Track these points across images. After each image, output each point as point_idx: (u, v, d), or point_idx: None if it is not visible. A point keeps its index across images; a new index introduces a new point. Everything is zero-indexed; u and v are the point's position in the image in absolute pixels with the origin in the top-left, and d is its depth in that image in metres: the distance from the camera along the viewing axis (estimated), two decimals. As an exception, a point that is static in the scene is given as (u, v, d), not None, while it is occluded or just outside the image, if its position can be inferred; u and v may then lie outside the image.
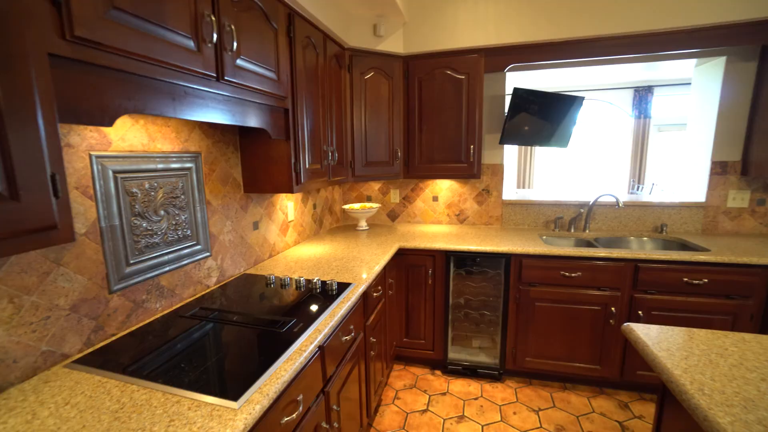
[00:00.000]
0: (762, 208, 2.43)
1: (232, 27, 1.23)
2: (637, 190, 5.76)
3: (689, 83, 5.46)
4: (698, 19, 2.07)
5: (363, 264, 1.96)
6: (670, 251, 2.08)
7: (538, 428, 2.04)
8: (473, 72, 2.42)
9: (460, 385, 2.41)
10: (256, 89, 1.42)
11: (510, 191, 3.21)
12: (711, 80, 2.48)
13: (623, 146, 6.07)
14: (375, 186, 3.09)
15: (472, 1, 2.37)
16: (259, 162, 1.83)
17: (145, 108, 0.97)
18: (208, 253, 1.63)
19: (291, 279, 1.70)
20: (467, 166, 2.51)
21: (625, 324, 1.21)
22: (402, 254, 2.42)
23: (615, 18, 2.17)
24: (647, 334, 1.13)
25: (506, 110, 2.61)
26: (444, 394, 2.34)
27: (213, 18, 1.13)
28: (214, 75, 1.18)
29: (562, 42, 2.30)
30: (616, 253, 2.08)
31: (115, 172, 1.19)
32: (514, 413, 2.15)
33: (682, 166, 2.72)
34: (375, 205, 2.85)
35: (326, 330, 1.24)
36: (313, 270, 1.87)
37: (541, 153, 6.40)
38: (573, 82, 5.61)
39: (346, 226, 3.04)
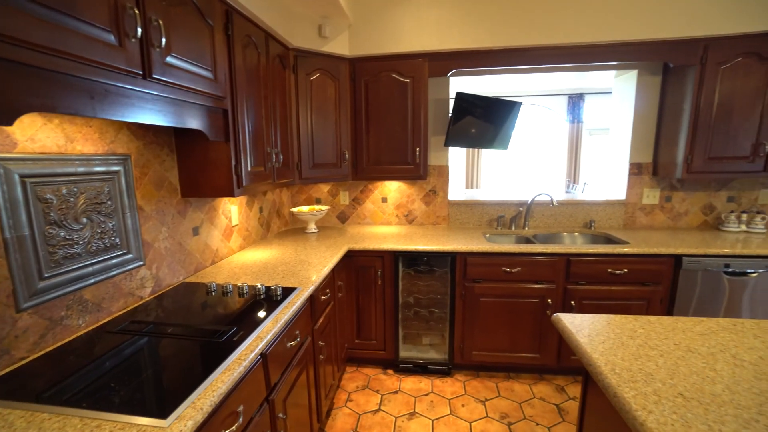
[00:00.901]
0: (669, 204, 2.75)
1: (160, 22, 1.16)
2: (573, 189, 6.24)
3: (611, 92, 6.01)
4: (617, 35, 2.29)
5: (311, 267, 1.94)
6: (597, 245, 2.28)
7: (484, 418, 2.13)
8: (418, 76, 2.49)
9: (412, 383, 2.46)
10: (191, 88, 1.35)
11: (459, 191, 3.33)
12: (627, 90, 2.76)
13: (560, 148, 6.55)
14: (324, 188, 3.06)
15: (415, 7, 2.43)
16: (197, 165, 1.74)
17: (57, 106, 0.89)
18: (141, 262, 1.52)
19: (234, 286, 1.63)
20: (414, 167, 2.57)
21: (554, 315, 1.30)
22: (351, 256, 2.43)
23: (547, 30, 2.34)
24: (572, 323, 1.23)
25: (450, 113, 2.71)
26: (396, 392, 2.37)
27: (136, 11, 1.06)
28: (140, 72, 1.11)
29: (500, 50, 2.43)
30: (551, 248, 2.24)
31: (22, 176, 1.08)
32: (463, 405, 2.24)
33: (607, 167, 2.99)
34: (324, 208, 2.83)
35: (269, 337, 1.21)
36: (258, 276, 1.82)
37: (487, 154, 6.72)
38: (515, 87, 5.95)
39: (295, 229, 2.98)
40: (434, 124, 2.86)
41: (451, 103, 2.70)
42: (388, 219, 3.03)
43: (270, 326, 1.27)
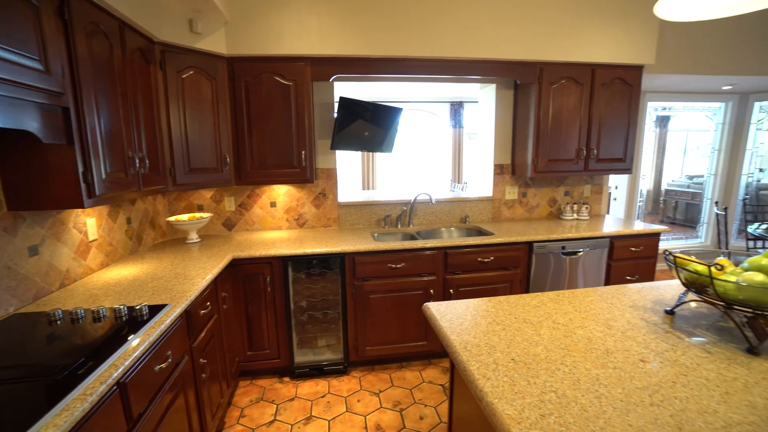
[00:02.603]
0: (525, 199, 3.27)
1: (-45, 1, 0.95)
2: (456, 188, 6.90)
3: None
4: (481, 54, 2.62)
5: (187, 281, 1.79)
6: (469, 237, 2.58)
7: (378, 409, 2.24)
8: (300, 79, 2.48)
9: (308, 387, 2.45)
10: (9, 81, 1.13)
11: (355, 193, 3.42)
12: (489, 101, 3.18)
13: (446, 151, 7.19)
14: (206, 194, 2.84)
15: (295, 11, 2.42)
16: (30, 172, 1.47)
17: None
18: (-55, 295, 1.22)
19: (87, 311, 1.42)
20: (300, 171, 2.56)
21: (424, 305, 1.45)
22: (237, 264, 2.31)
23: (423, 44, 2.55)
24: (438, 310, 1.38)
25: (335, 117, 2.77)
26: (292, 399, 2.34)
27: None
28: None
29: (380, 59, 2.57)
30: (429, 243, 2.47)
31: None
32: (358, 401, 2.32)
33: (478, 168, 3.40)
34: (206, 215, 2.63)
35: (128, 363, 1.09)
36: (123, 295, 1.61)
37: (381, 157, 7.01)
38: (404, 94, 6.33)
39: (174, 240, 2.71)
40: (321, 127, 2.89)
41: (336, 107, 2.76)
42: (279, 224, 2.96)
43: (130, 350, 1.14)
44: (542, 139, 2.81)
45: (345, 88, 5.26)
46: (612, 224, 2.94)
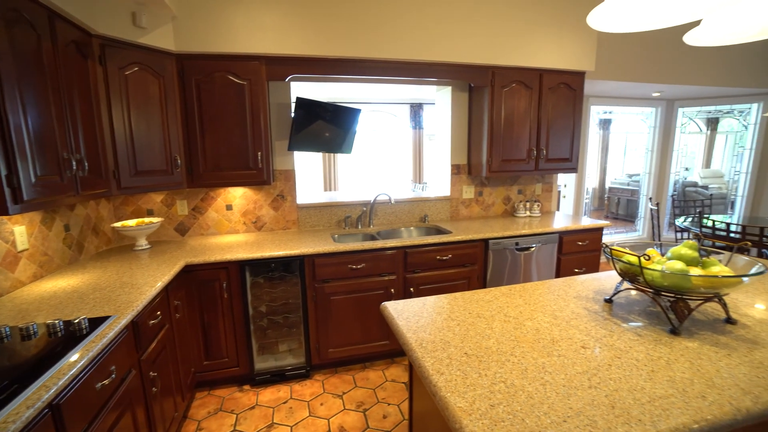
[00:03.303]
0: (481, 197, 3.39)
1: None
2: (416, 188, 7.02)
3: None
4: (437, 57, 2.68)
5: (134, 290, 1.69)
6: (428, 236, 2.64)
7: (342, 411, 2.24)
8: (255, 78, 2.42)
9: (270, 394, 2.39)
10: None
11: (317, 194, 3.37)
12: (445, 103, 3.26)
13: (406, 152, 7.28)
14: (157, 198, 2.69)
15: (248, 8, 2.35)
16: (-57, 176, 1.32)
17: None
18: None
19: (12, 329, 1.30)
20: (257, 172, 2.50)
21: (381, 304, 1.46)
22: (191, 271, 2.21)
23: (382, 46, 2.57)
24: (395, 309, 1.40)
25: (292, 118, 2.72)
26: (253, 408, 2.27)
27: None
28: None
29: (336, 59, 2.56)
30: (390, 243, 2.49)
31: None
32: (322, 404, 2.30)
33: (437, 168, 3.48)
34: (156, 220, 2.49)
35: (62, 382, 1.01)
36: (59, 309, 1.49)
37: (343, 158, 6.98)
38: (363, 94, 6.33)
39: (121, 247, 2.54)
40: (279, 128, 2.83)
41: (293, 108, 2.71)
42: (235, 227, 2.86)
43: (65, 369, 1.06)
44: (496, 140, 2.93)
45: (304, 89, 5.18)
46: (561, 220, 3.12)
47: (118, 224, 2.40)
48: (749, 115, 5.01)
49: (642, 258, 1.19)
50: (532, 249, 2.85)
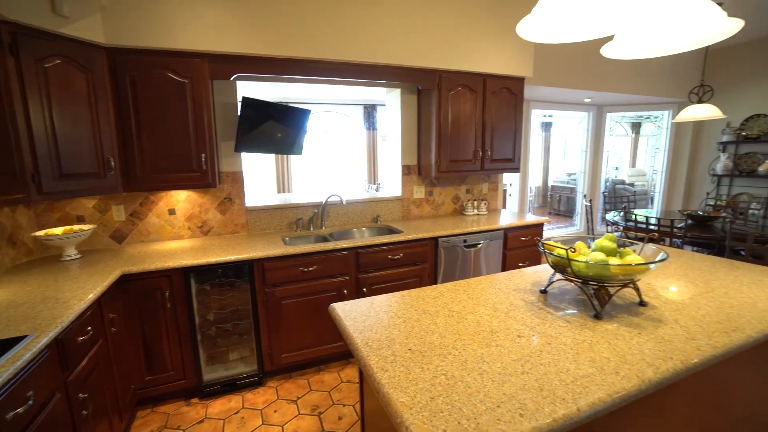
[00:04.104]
0: (431, 197, 3.49)
1: None
2: (370, 189, 7.06)
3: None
4: (385, 59, 2.72)
5: (59, 305, 1.55)
6: (380, 236, 2.67)
7: (296, 416, 2.20)
8: (197, 77, 2.31)
9: (220, 405, 2.30)
10: None
11: (270, 196, 3.28)
12: (395, 105, 3.32)
13: (360, 152, 7.30)
14: (88, 203, 2.48)
15: (188, 1, 2.24)
16: None
17: None
18: None
19: None
20: (201, 175, 2.39)
21: (330, 306, 1.46)
22: (129, 281, 2.07)
23: (329, 46, 2.55)
24: (344, 310, 1.41)
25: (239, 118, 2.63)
26: (201, 422, 2.17)
27: None
28: None
29: (283, 59, 2.51)
30: (342, 244, 2.49)
31: None
32: (275, 411, 2.25)
33: (389, 169, 3.52)
34: (87, 228, 2.30)
35: (-30, 410, 0.91)
36: (-36, 331, 1.33)
37: (297, 159, 6.84)
38: (316, 95, 6.26)
39: (44, 258, 2.31)
40: (225, 129, 2.72)
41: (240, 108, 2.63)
42: (179, 233, 2.71)
43: (-27, 396, 0.95)
44: (443, 141, 3.03)
45: (256, 88, 5.02)
46: (506, 218, 3.30)
47: (40, 233, 2.18)
48: (661, 120, 5.64)
49: (569, 251, 1.29)
50: (480, 245, 2.98)
